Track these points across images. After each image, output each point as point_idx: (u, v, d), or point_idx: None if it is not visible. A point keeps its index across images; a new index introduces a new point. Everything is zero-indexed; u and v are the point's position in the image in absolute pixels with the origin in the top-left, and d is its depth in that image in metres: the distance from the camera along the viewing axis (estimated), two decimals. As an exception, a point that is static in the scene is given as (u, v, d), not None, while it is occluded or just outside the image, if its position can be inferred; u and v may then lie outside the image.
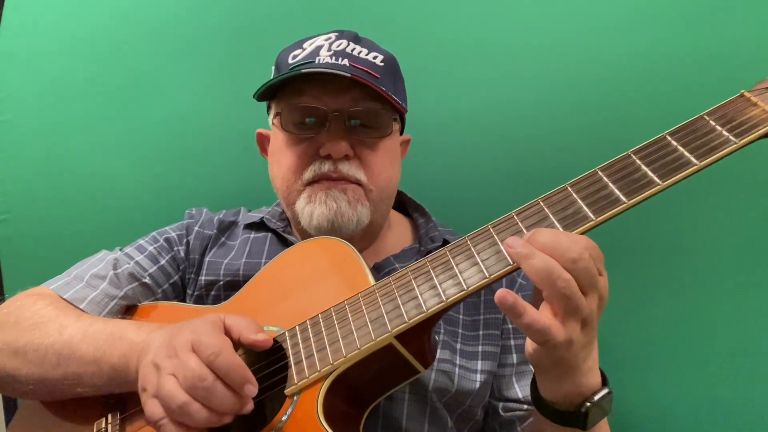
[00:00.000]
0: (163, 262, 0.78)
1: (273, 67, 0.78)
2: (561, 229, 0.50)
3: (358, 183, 0.71)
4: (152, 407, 0.50)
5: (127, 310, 0.74)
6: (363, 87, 0.69)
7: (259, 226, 0.82)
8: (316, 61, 0.70)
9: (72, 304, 0.69)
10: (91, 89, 1.09)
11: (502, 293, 0.45)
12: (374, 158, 0.73)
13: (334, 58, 0.70)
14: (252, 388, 0.51)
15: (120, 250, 0.80)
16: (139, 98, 1.08)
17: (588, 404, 0.50)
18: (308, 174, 0.71)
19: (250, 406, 0.51)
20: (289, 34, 0.80)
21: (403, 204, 0.89)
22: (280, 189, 0.75)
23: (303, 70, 0.67)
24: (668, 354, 0.90)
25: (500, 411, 0.72)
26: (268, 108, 0.79)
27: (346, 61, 0.70)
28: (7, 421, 1.15)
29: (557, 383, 0.52)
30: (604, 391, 0.52)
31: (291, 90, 0.72)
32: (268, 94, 0.75)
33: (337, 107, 0.70)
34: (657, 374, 0.91)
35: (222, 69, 1.07)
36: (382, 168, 0.73)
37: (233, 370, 0.50)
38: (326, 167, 0.70)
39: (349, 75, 0.67)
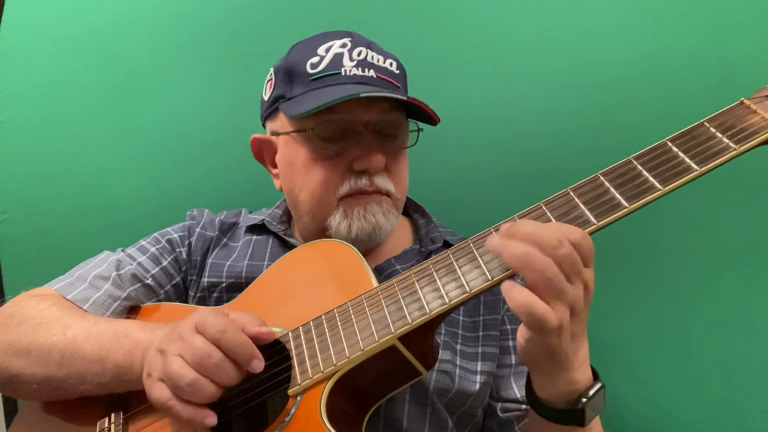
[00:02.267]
0: (165, 263, 0.78)
1: (274, 69, 0.76)
2: None
3: (388, 195, 0.72)
4: (159, 390, 0.51)
5: (130, 311, 0.75)
6: (389, 98, 0.69)
7: (261, 228, 0.82)
8: (342, 72, 0.69)
9: (75, 304, 0.69)
10: (92, 89, 1.09)
11: (506, 284, 0.48)
12: (399, 168, 0.74)
13: (360, 69, 0.70)
14: (259, 363, 0.52)
15: (122, 251, 0.79)
16: (139, 98, 1.08)
17: (584, 400, 0.51)
18: (344, 189, 0.70)
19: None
20: (289, 34, 0.79)
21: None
22: (307, 203, 0.73)
23: (362, 94, 0.64)
24: (666, 353, 0.91)
25: (498, 411, 0.72)
26: (270, 116, 0.77)
27: (372, 72, 0.70)
28: (8, 421, 1.15)
29: (551, 380, 0.52)
30: (598, 385, 0.52)
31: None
32: (277, 102, 0.74)
33: (367, 120, 0.69)
34: (655, 373, 0.91)
35: (223, 69, 1.07)
36: (404, 177, 0.76)
37: (240, 346, 0.51)
38: (363, 182, 0.69)
39: (405, 99, 0.67)
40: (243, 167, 1.03)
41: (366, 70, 0.70)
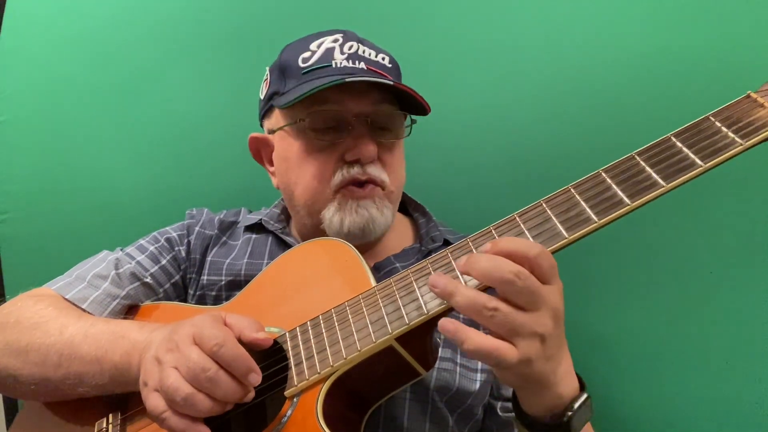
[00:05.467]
0: (164, 261, 0.78)
1: (269, 69, 0.77)
2: (564, 232, 0.49)
3: (382, 185, 0.71)
4: (154, 401, 0.50)
5: (129, 311, 0.74)
6: (380, 89, 0.70)
7: (259, 227, 0.82)
8: (333, 65, 0.70)
9: (74, 304, 0.69)
10: (92, 89, 1.09)
11: (443, 322, 0.46)
12: (393, 160, 0.74)
13: (350, 61, 0.70)
14: (256, 377, 0.51)
15: (121, 250, 0.80)
16: (139, 98, 1.08)
17: (569, 413, 0.50)
18: (337, 179, 0.70)
19: (252, 394, 0.52)
20: (289, 33, 0.79)
21: (404, 203, 0.89)
22: (302, 197, 0.73)
23: (347, 80, 0.65)
24: (667, 353, 0.90)
25: (498, 411, 0.72)
26: (267, 114, 0.78)
27: (362, 65, 0.71)
28: (8, 421, 1.15)
29: (535, 397, 0.51)
30: (584, 396, 0.51)
31: (311, 96, 0.69)
32: (272, 99, 0.74)
33: (359, 111, 0.70)
34: (654, 372, 0.90)
35: (222, 69, 1.07)
36: (399, 169, 0.75)
37: (237, 360, 0.50)
38: (355, 170, 0.69)
39: (392, 83, 0.67)
40: (243, 167, 1.03)
41: (357, 62, 0.71)
